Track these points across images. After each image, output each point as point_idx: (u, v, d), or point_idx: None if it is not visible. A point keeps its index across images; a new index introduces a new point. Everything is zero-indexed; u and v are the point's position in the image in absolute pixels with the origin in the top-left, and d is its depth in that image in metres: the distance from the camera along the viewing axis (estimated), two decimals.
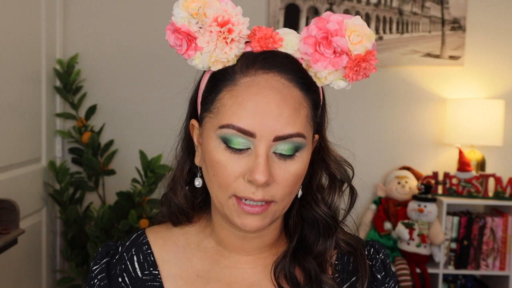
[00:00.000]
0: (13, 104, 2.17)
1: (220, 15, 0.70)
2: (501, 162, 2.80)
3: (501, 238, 2.64)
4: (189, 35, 0.71)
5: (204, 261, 0.80)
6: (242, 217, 0.71)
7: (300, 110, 0.71)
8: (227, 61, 0.72)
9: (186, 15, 0.71)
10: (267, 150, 0.69)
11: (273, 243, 0.80)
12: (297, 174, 0.72)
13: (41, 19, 2.43)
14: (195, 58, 0.72)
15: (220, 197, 0.72)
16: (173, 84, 2.05)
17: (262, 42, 0.73)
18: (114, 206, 2.32)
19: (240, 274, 0.79)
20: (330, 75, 0.73)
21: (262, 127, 0.68)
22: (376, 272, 0.83)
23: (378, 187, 2.76)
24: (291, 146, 0.70)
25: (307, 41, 0.72)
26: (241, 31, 0.71)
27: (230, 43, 0.71)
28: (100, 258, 0.82)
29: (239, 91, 0.70)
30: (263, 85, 0.70)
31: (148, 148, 2.33)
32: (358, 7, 2.77)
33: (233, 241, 0.79)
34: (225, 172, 0.70)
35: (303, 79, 0.73)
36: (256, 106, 0.69)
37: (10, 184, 2.09)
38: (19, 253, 2.12)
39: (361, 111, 2.84)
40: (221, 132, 0.70)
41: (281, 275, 0.77)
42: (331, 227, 0.79)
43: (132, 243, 0.82)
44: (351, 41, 0.72)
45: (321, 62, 0.72)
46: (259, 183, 0.68)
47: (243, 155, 0.70)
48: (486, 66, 2.80)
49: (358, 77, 0.74)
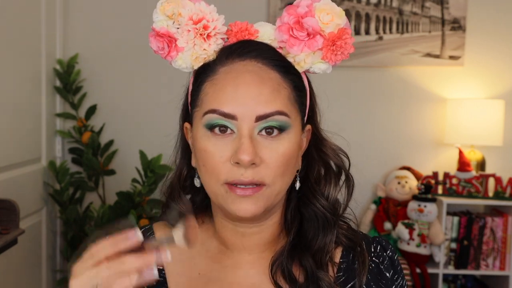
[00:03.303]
0: (13, 104, 2.17)
1: (194, 13, 0.74)
2: (501, 162, 2.80)
3: (501, 238, 2.64)
4: (169, 36, 0.75)
5: (207, 260, 0.80)
6: (236, 203, 0.72)
7: (280, 90, 0.73)
8: (207, 56, 0.76)
9: (164, 18, 0.76)
10: (250, 130, 0.71)
11: (273, 241, 0.80)
12: (286, 154, 0.72)
13: (41, 19, 2.43)
14: (178, 59, 0.76)
15: (213, 186, 0.73)
16: (173, 84, 2.05)
17: (238, 35, 0.76)
18: (114, 206, 2.32)
19: (241, 275, 0.79)
20: (308, 57, 0.76)
21: (243, 108, 0.71)
22: (384, 270, 0.81)
23: (378, 187, 2.76)
24: (274, 124, 0.71)
25: (281, 28, 0.76)
26: (216, 26, 0.75)
27: (208, 39, 0.75)
28: None
29: (218, 79, 0.73)
30: (240, 69, 0.73)
31: (148, 148, 2.34)
32: (358, 7, 2.77)
33: (234, 239, 0.79)
34: (213, 159, 0.72)
35: (280, 61, 0.75)
36: (235, 90, 0.71)
37: (10, 184, 2.09)
38: (19, 253, 2.12)
39: (361, 111, 2.84)
40: (205, 120, 0.72)
41: (278, 272, 0.77)
42: (330, 221, 0.79)
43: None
44: (322, 21, 0.74)
45: (297, 46, 0.75)
46: (244, 163, 0.69)
47: (228, 139, 0.71)
48: (486, 66, 2.80)
49: (337, 58, 0.76)
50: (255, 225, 0.78)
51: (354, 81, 2.80)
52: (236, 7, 2.40)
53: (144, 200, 2.32)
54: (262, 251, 0.80)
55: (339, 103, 2.72)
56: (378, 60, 2.80)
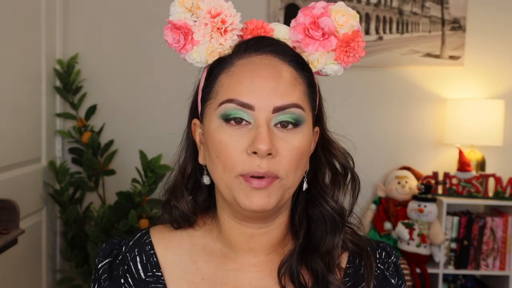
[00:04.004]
0: (13, 104, 2.17)
1: (213, 7, 0.74)
2: (501, 162, 2.80)
3: (501, 238, 2.64)
4: (186, 28, 0.75)
5: (210, 264, 0.79)
6: (250, 195, 0.71)
7: (296, 85, 0.74)
8: (222, 51, 0.76)
9: (182, 10, 0.75)
10: (268, 121, 0.71)
11: (279, 243, 0.79)
12: (300, 148, 0.72)
13: (41, 19, 2.43)
14: (193, 52, 0.76)
15: (226, 179, 0.72)
16: (173, 84, 2.05)
17: (254, 32, 0.77)
18: (114, 206, 2.32)
19: (246, 278, 0.78)
20: (321, 57, 0.77)
21: (260, 99, 0.71)
22: (390, 276, 0.81)
23: (378, 187, 2.76)
24: (291, 116, 0.72)
25: (296, 28, 0.77)
26: (233, 22, 0.75)
27: (225, 34, 0.75)
28: (103, 256, 0.81)
29: (235, 71, 0.74)
30: (257, 62, 0.74)
31: (148, 148, 2.34)
32: (358, 7, 2.77)
33: (241, 240, 0.78)
34: (228, 149, 0.71)
35: (296, 57, 0.76)
36: (252, 81, 0.72)
37: (10, 184, 2.09)
38: (19, 253, 2.12)
39: (361, 111, 2.84)
40: (221, 109, 0.72)
41: (286, 275, 0.76)
42: (338, 223, 0.78)
43: (136, 243, 0.82)
44: (337, 22, 0.76)
45: (312, 45, 0.76)
46: (262, 152, 0.69)
47: (244, 130, 0.71)
48: (486, 66, 2.80)
49: (349, 60, 0.77)
50: (263, 225, 0.77)
51: (354, 81, 2.80)
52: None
53: (144, 200, 2.32)
54: (267, 253, 0.79)
55: (339, 103, 2.71)
56: (378, 60, 2.80)
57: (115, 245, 0.83)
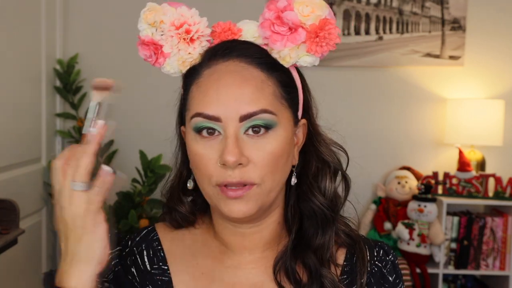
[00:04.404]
0: (13, 104, 2.17)
1: (175, 19, 0.75)
2: (501, 162, 2.80)
3: (501, 238, 2.64)
4: (154, 44, 0.76)
5: (209, 260, 0.80)
6: (228, 204, 0.72)
7: (264, 88, 0.73)
8: (193, 60, 0.76)
9: (147, 26, 0.77)
10: (236, 131, 0.70)
11: (273, 240, 0.80)
12: (274, 153, 0.72)
13: (41, 19, 2.43)
14: (166, 65, 0.77)
15: (206, 189, 0.73)
16: (173, 85, 2.05)
17: (222, 36, 0.76)
18: (114, 206, 2.32)
19: (243, 275, 0.79)
20: (292, 52, 0.75)
21: (226, 110, 0.70)
22: (387, 274, 0.81)
23: (378, 187, 2.76)
24: (260, 122, 0.71)
25: (263, 24, 0.76)
26: (198, 29, 0.75)
27: (192, 43, 0.75)
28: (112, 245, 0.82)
29: (202, 81, 0.74)
30: (223, 70, 0.73)
31: (148, 148, 2.34)
32: (358, 7, 2.77)
33: (234, 239, 0.79)
34: (203, 161, 0.72)
35: (263, 59, 0.75)
36: (217, 91, 0.71)
37: (10, 184, 2.10)
38: (19, 253, 2.12)
39: (361, 111, 2.84)
40: (193, 123, 0.73)
41: (281, 271, 0.77)
42: (329, 218, 0.79)
43: (143, 239, 0.83)
44: (302, 13, 0.73)
45: (279, 41, 0.74)
46: (229, 164, 0.69)
47: (215, 141, 0.71)
48: (486, 66, 2.80)
49: (323, 49, 0.74)
50: (254, 224, 0.78)
51: (354, 81, 2.80)
52: (235, 8, 2.41)
53: (144, 200, 2.33)
54: (263, 250, 0.80)
55: (339, 103, 2.72)
56: (378, 60, 2.80)
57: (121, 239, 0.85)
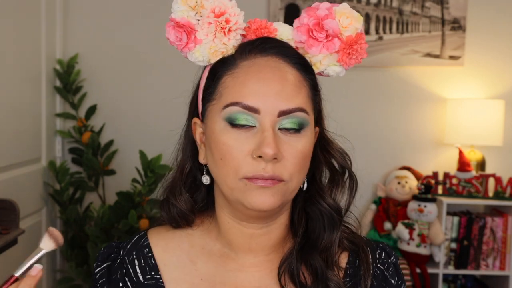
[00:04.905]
0: (13, 104, 2.17)
1: (217, 6, 0.73)
2: (501, 162, 2.80)
3: (501, 238, 2.64)
4: (189, 27, 0.74)
5: (209, 264, 0.78)
6: (255, 194, 0.70)
7: (301, 88, 0.73)
8: (225, 51, 0.75)
9: (185, 8, 0.74)
10: (273, 125, 0.70)
11: (279, 243, 0.79)
12: (304, 151, 0.72)
13: (41, 19, 2.43)
14: (195, 51, 0.75)
15: (230, 182, 0.72)
16: (173, 84, 2.05)
17: (257, 32, 0.77)
18: (114, 206, 2.32)
19: (246, 278, 0.77)
20: (325, 59, 0.77)
21: (265, 103, 0.70)
22: (390, 277, 0.81)
23: (378, 187, 2.76)
24: (296, 120, 0.71)
25: (300, 29, 0.76)
26: (237, 21, 0.74)
27: (228, 34, 0.74)
28: (102, 260, 0.81)
29: (240, 72, 0.73)
30: (263, 65, 0.73)
31: (148, 148, 2.34)
32: (358, 7, 2.77)
33: (241, 241, 0.77)
34: (233, 153, 0.71)
35: (300, 59, 0.76)
36: (258, 84, 0.71)
37: (10, 184, 2.09)
38: (19, 253, 2.11)
39: (361, 111, 2.84)
40: (226, 112, 0.71)
41: (286, 274, 0.76)
42: (336, 220, 0.78)
43: (133, 245, 0.81)
44: (341, 24, 0.76)
45: (315, 47, 0.76)
46: (267, 156, 0.68)
47: (249, 134, 0.71)
48: (486, 66, 2.80)
49: (351, 61, 0.77)
50: (264, 225, 0.77)
51: (354, 81, 2.79)
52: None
53: (144, 200, 2.33)
54: (268, 253, 0.79)
55: (339, 103, 2.71)
56: (378, 60, 2.80)
57: (113, 248, 0.82)
